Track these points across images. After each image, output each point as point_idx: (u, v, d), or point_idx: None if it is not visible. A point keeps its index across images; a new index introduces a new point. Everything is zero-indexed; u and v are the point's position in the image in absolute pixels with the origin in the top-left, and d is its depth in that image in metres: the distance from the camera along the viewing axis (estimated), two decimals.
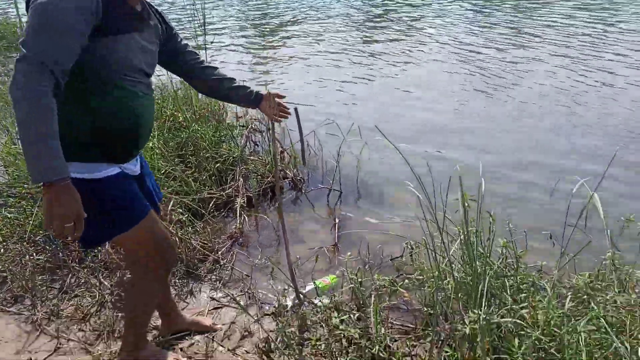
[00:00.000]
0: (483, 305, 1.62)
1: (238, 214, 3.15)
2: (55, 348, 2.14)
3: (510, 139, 4.44)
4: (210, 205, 3.22)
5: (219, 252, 2.82)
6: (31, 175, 1.38)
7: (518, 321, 1.61)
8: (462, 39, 7.85)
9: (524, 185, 3.67)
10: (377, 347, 1.81)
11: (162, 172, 3.18)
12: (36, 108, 1.34)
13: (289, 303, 2.29)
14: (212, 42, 7.29)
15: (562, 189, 3.33)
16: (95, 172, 1.56)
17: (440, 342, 1.88)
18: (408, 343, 2.03)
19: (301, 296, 2.32)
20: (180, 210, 2.83)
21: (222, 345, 2.16)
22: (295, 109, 2.20)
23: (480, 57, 6.90)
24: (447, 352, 1.81)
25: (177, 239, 2.63)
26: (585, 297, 1.75)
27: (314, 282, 2.46)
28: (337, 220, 3.18)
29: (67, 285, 2.53)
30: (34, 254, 2.64)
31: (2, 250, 2.64)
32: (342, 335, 1.94)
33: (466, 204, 1.85)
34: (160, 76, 4.25)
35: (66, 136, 1.41)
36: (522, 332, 1.58)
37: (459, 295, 1.83)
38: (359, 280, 2.24)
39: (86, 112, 1.53)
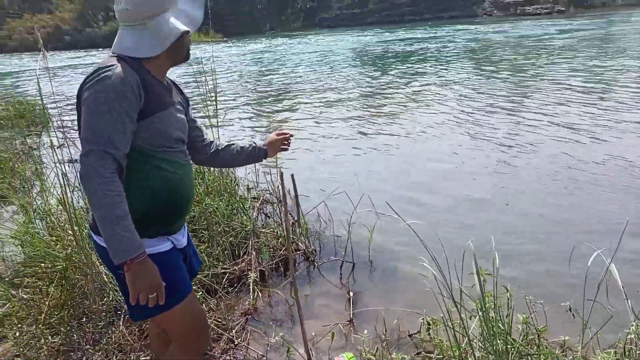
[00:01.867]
0: None
1: (251, 289, 3.14)
2: None
3: (523, 211, 4.42)
4: (224, 280, 3.21)
5: (234, 331, 2.79)
6: (113, 256, 1.48)
7: None
8: (470, 108, 7.99)
9: (539, 256, 3.63)
10: None
11: None
12: (108, 195, 1.45)
13: None
14: (224, 116, 7.50)
15: (577, 259, 3.28)
16: (149, 249, 1.61)
17: None
18: None
19: None
20: (194, 288, 2.82)
21: None
22: (292, 175, 2.24)
23: (491, 126, 6.99)
24: None
25: None
26: None
27: None
28: (351, 295, 3.15)
29: None
30: (49, 336, 2.62)
31: (17, 333, 2.62)
32: None
33: (482, 279, 1.84)
34: None
35: None
36: None
37: None
38: (376, 359, 2.20)
39: (141, 191, 1.61)
